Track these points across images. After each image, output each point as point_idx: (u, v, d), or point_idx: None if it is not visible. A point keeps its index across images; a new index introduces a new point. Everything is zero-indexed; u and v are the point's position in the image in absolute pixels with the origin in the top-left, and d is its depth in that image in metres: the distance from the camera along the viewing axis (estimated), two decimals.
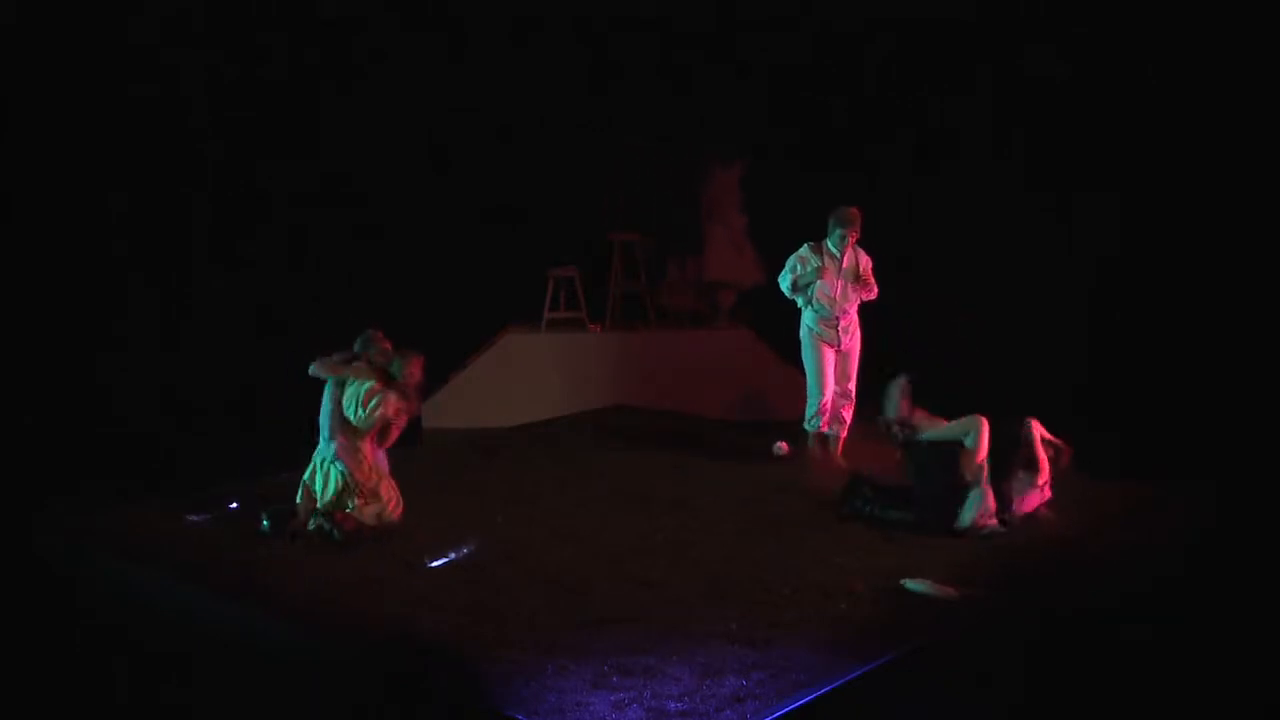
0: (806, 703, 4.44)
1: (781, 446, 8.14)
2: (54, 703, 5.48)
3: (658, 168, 11.12)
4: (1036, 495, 6.58)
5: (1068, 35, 9.45)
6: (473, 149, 10.78)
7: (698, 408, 9.76)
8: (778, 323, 9.58)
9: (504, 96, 10.77)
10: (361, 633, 5.18)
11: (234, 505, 6.95)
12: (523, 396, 9.91)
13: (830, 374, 7.84)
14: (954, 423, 6.54)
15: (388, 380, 6.54)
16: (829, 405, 7.90)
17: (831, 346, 7.81)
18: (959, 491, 6.36)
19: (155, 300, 9.87)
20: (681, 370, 10.25)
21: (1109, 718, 5.21)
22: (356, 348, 6.66)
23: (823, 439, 8.02)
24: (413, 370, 6.60)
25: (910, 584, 5.55)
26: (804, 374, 8.03)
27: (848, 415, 7.95)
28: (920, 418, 6.69)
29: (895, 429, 6.72)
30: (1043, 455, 6.56)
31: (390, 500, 6.55)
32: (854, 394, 7.91)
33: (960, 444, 6.42)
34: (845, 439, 8.01)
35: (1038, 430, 6.59)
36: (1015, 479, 6.48)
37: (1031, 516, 6.54)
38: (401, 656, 4.98)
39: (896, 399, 6.75)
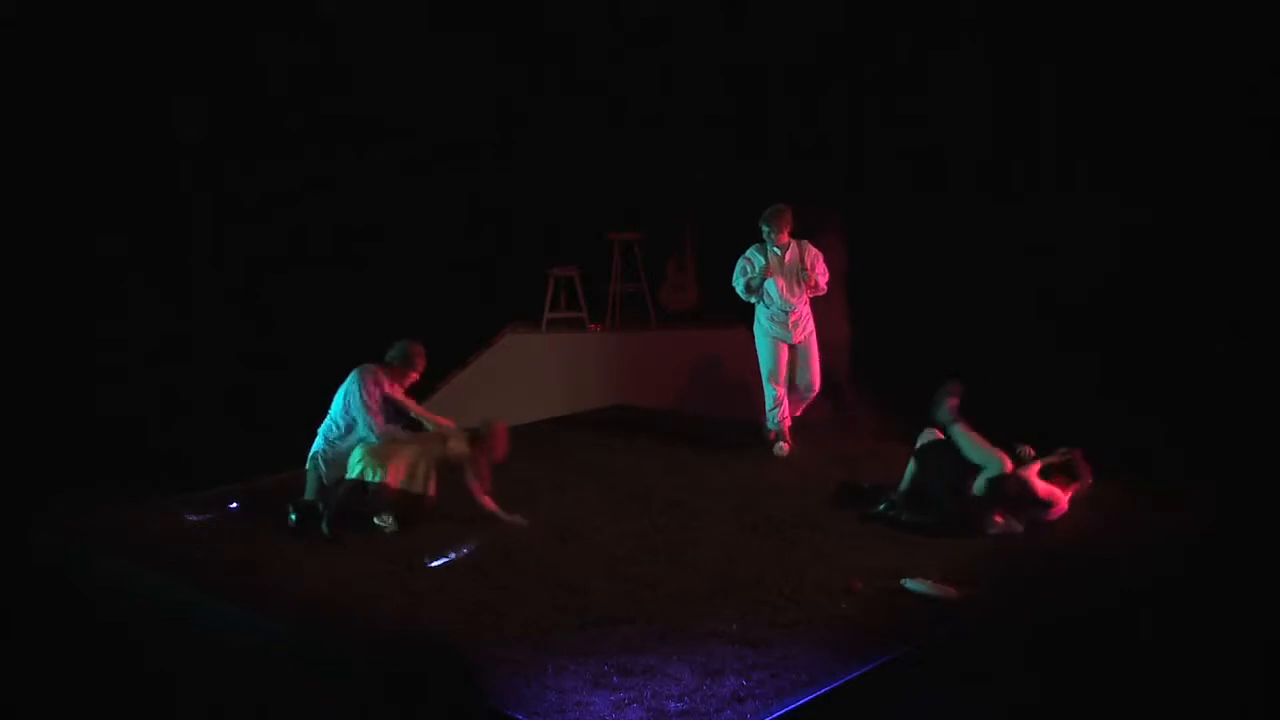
0: (806, 703, 4.44)
1: (783, 447, 8.18)
2: (54, 703, 5.48)
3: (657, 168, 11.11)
4: (1053, 513, 6.54)
5: (1062, 35, 9.43)
6: (473, 149, 10.78)
7: (698, 408, 9.76)
8: None
9: (505, 96, 10.78)
10: (361, 633, 5.19)
11: (234, 505, 6.96)
12: (523, 396, 9.90)
13: (783, 369, 8.19)
14: (986, 447, 6.51)
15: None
16: (784, 398, 8.22)
17: (783, 342, 8.15)
18: (968, 493, 6.39)
19: (155, 300, 9.86)
20: (681, 370, 10.26)
21: (1109, 718, 5.21)
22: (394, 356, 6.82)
23: (788, 433, 8.27)
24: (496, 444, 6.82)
25: (910, 584, 5.55)
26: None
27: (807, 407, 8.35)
28: (963, 426, 6.70)
29: (946, 409, 6.71)
30: (1047, 491, 6.47)
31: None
32: (818, 390, 8.27)
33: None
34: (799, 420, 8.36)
35: (1034, 479, 6.47)
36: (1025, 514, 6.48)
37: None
38: (401, 656, 4.98)
39: (945, 401, 6.75)
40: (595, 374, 10.33)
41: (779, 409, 8.21)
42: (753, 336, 8.44)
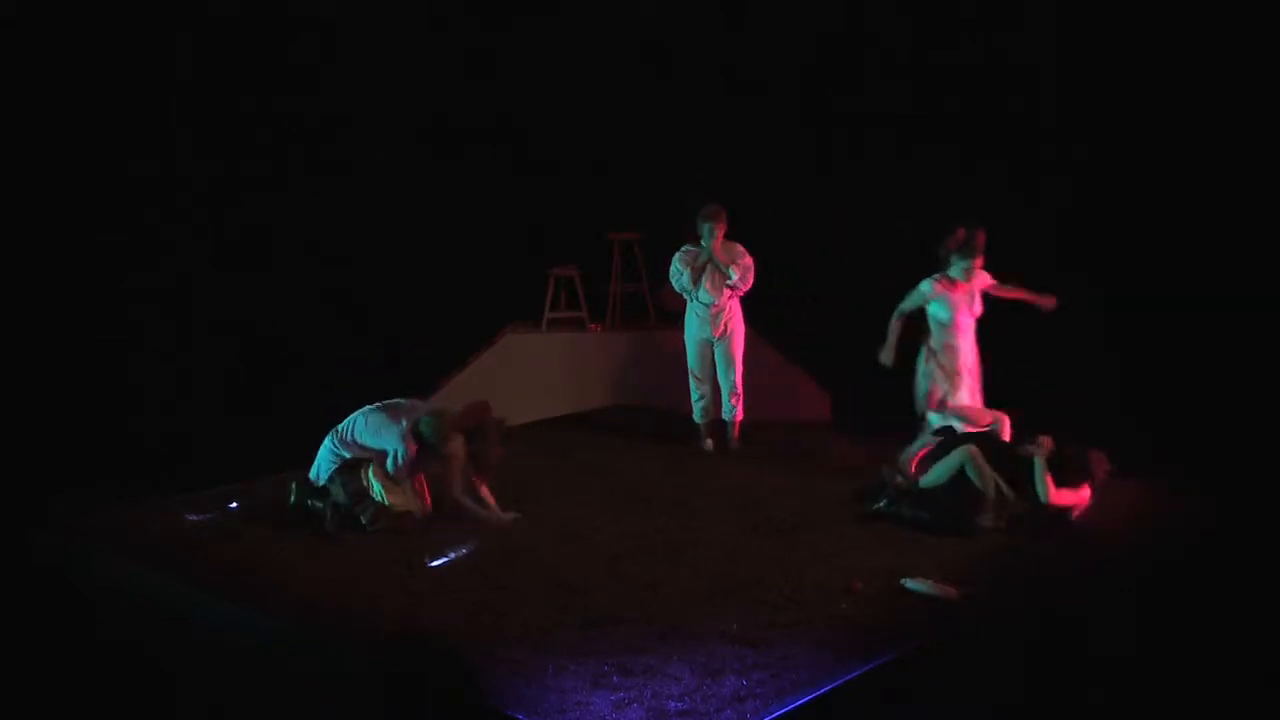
0: (806, 702, 4.45)
1: (709, 443, 8.40)
2: (54, 703, 5.49)
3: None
4: (1073, 496, 6.53)
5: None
6: (474, 149, 10.78)
7: None
8: (775, 323, 9.59)
9: (507, 96, 10.78)
10: (361, 633, 5.19)
11: (234, 505, 6.96)
12: (523, 396, 9.89)
13: (705, 365, 8.45)
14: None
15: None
16: (707, 394, 8.50)
17: (704, 339, 8.42)
18: (973, 493, 6.40)
19: (156, 299, 9.86)
20: (681, 370, 10.22)
21: (1108, 718, 5.22)
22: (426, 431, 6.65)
23: (717, 427, 8.50)
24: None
25: (910, 584, 5.55)
26: (805, 372, 8.64)
27: (738, 407, 8.44)
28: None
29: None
30: (1059, 500, 6.47)
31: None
32: (740, 388, 8.41)
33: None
34: (740, 422, 8.48)
35: (1052, 495, 6.46)
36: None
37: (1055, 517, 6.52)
38: (401, 656, 4.98)
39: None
40: (595, 374, 10.32)
41: (702, 402, 8.49)
42: (751, 339, 8.59)
